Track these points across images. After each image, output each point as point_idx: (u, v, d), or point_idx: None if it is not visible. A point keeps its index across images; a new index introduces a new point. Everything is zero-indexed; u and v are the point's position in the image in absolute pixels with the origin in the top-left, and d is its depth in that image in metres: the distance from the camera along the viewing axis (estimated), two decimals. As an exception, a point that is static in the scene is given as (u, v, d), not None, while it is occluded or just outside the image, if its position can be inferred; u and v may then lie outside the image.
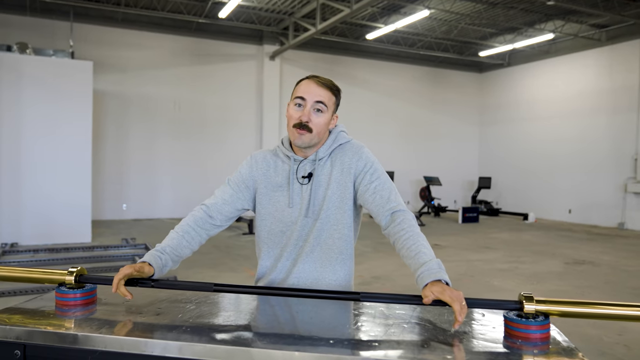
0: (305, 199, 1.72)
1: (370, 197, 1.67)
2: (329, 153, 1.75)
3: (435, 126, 15.48)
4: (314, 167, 1.74)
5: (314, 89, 1.69)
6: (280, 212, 1.75)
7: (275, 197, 1.76)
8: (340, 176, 1.71)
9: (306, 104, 1.68)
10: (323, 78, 1.75)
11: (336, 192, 1.71)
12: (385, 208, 1.63)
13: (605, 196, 12.11)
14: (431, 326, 1.37)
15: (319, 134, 1.70)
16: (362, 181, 1.69)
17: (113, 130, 11.41)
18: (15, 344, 1.27)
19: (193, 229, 1.72)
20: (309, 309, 1.50)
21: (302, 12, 11.32)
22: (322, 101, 1.68)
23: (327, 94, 1.70)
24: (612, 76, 12.04)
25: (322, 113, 1.69)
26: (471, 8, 11.12)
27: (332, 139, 1.77)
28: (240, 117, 12.84)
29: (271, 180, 1.78)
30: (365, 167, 1.71)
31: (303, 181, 1.74)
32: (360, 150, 1.75)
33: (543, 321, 1.26)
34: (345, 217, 1.71)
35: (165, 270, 1.59)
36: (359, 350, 1.17)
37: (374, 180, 1.68)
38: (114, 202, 11.45)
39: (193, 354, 1.17)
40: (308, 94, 1.69)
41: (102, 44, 11.24)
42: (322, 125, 1.70)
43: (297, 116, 1.69)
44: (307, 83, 1.72)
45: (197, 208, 1.79)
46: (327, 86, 1.71)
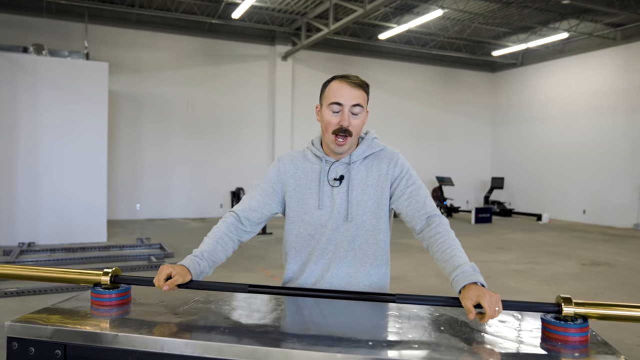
0: (337, 201, 1.71)
1: (406, 201, 1.68)
2: (362, 158, 1.74)
3: (448, 126, 15.41)
4: (347, 170, 1.73)
5: (349, 91, 1.65)
6: (309, 215, 1.73)
7: (304, 200, 1.75)
8: (377, 182, 1.71)
9: (343, 108, 1.65)
10: (353, 77, 1.69)
11: (372, 198, 1.71)
12: (421, 212, 1.64)
13: (620, 197, 11.98)
14: (467, 328, 1.36)
15: (357, 135, 1.71)
16: (398, 186, 1.70)
17: (127, 131, 11.50)
18: (56, 344, 1.28)
19: (226, 234, 1.71)
20: (342, 310, 1.50)
21: (315, 12, 11.33)
22: (358, 103, 1.66)
23: (361, 94, 1.67)
24: (628, 76, 11.90)
25: (359, 115, 1.68)
26: (485, 7, 11.05)
27: (366, 145, 1.76)
28: (252, 117, 12.88)
29: (300, 182, 1.77)
30: (402, 173, 1.71)
31: (334, 183, 1.72)
32: (396, 157, 1.75)
33: (582, 324, 1.26)
34: (381, 223, 1.72)
35: (202, 277, 1.58)
36: (398, 352, 1.17)
37: (409, 185, 1.69)
38: (128, 202, 11.54)
39: (234, 355, 1.18)
40: (344, 98, 1.65)
41: (116, 45, 11.34)
42: (359, 126, 1.69)
43: (335, 122, 1.66)
44: (340, 86, 1.67)
45: (227, 215, 1.78)
46: (360, 85, 1.68)
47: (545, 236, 10.26)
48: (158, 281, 1.45)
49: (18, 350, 1.30)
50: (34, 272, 1.55)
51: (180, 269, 1.50)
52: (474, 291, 1.31)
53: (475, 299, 1.28)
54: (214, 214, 12.33)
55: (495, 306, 1.26)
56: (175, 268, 1.49)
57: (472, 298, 1.29)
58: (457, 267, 1.42)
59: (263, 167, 13.02)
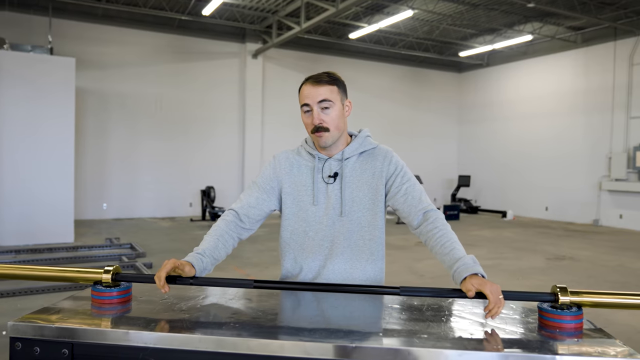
0: (331, 198, 1.75)
1: (402, 198, 1.72)
2: (356, 155, 1.78)
3: (416, 125, 15.66)
4: (340, 167, 1.76)
5: (313, 90, 1.71)
6: (304, 212, 1.77)
7: (299, 197, 1.78)
8: (372, 180, 1.75)
9: (312, 107, 1.70)
10: (318, 75, 1.75)
11: (367, 195, 1.75)
12: (418, 208, 1.70)
13: (581, 194, 12.46)
14: (468, 319, 1.42)
15: (337, 127, 1.73)
16: (394, 184, 1.74)
17: (92, 128, 11.20)
18: (63, 343, 1.27)
19: (226, 232, 1.72)
20: (345, 303, 1.54)
21: (286, 10, 11.31)
22: (325, 99, 1.70)
23: (326, 89, 1.71)
24: (587, 77, 12.39)
25: (330, 109, 1.71)
26: (453, 9, 11.29)
27: (358, 142, 1.80)
28: (222, 115, 12.76)
29: (295, 180, 1.80)
30: (396, 171, 1.76)
31: (329, 180, 1.76)
32: (390, 154, 1.80)
33: (577, 312, 1.33)
34: (376, 219, 1.76)
35: (205, 273, 1.59)
36: (405, 341, 1.21)
37: (404, 182, 1.74)
38: (95, 202, 11.25)
39: (248, 350, 1.20)
40: (309, 97, 1.71)
41: (82, 39, 11.02)
42: (335, 119, 1.72)
43: (309, 122, 1.72)
44: (305, 87, 1.73)
45: (226, 212, 1.80)
46: (324, 81, 1.72)
47: (511, 232, 10.58)
48: (159, 274, 1.44)
49: (22, 350, 1.28)
50: (32, 271, 1.52)
51: (185, 264, 1.51)
52: (476, 279, 1.37)
53: (477, 287, 1.34)
54: (183, 213, 12.17)
55: (497, 294, 1.32)
56: (178, 263, 1.49)
57: (473, 285, 1.35)
58: (458, 260, 1.47)
59: (234, 165, 12.93)
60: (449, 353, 1.15)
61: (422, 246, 8.44)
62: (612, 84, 11.78)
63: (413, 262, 7.19)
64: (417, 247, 8.39)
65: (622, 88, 11.58)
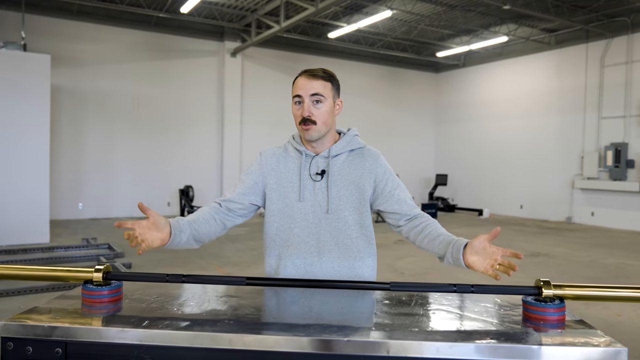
0: (318, 195, 1.76)
1: (396, 203, 1.78)
2: (344, 153, 1.81)
3: (394, 124, 15.79)
4: (327, 164, 1.78)
5: (307, 83, 1.74)
6: (289, 208, 1.78)
7: (285, 193, 1.79)
8: (360, 179, 1.78)
9: (304, 99, 1.73)
10: (314, 69, 1.78)
11: (355, 194, 1.77)
12: (408, 213, 1.77)
13: (554, 192, 12.77)
14: (454, 312, 1.46)
15: (325, 123, 1.75)
16: (385, 187, 1.79)
17: (68, 127, 10.98)
18: (56, 342, 1.26)
19: (208, 213, 1.76)
20: (335, 300, 1.56)
21: (265, 9, 11.29)
22: (317, 93, 1.72)
23: (320, 83, 1.74)
24: (560, 78, 12.70)
25: (321, 103, 1.73)
26: (431, 10, 11.43)
27: (346, 141, 1.83)
28: (201, 114, 12.66)
29: (281, 176, 1.81)
30: (385, 174, 1.81)
31: (316, 177, 1.78)
32: (378, 156, 1.85)
33: (559, 304, 1.38)
34: (363, 218, 1.78)
35: (184, 238, 1.63)
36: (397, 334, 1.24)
37: (395, 187, 1.80)
38: (70, 201, 11.04)
39: (243, 345, 1.21)
40: (302, 89, 1.74)
41: (56, 36, 10.80)
42: (324, 114, 1.74)
43: (299, 113, 1.75)
44: (301, 79, 1.76)
45: (211, 203, 1.82)
46: (319, 76, 1.75)
47: (487, 230, 10.64)
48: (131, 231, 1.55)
49: (14, 350, 1.26)
50: (20, 271, 1.50)
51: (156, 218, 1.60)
52: (482, 240, 1.52)
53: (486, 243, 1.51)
54: (161, 213, 11.58)
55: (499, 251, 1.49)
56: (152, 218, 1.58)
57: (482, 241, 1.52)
58: (453, 238, 1.59)
59: (213, 164, 12.84)
60: (439, 345, 1.19)
61: (401, 244, 8.54)
62: (584, 85, 12.10)
63: (393, 260, 7.27)
64: (397, 245, 8.48)
65: (593, 89, 11.90)
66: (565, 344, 1.20)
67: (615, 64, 11.47)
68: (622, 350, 1.16)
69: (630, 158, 11.12)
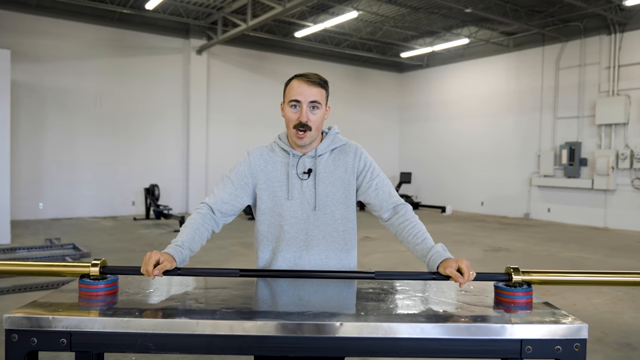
0: (306, 193, 1.85)
1: (373, 193, 1.87)
2: (328, 151, 1.90)
3: (359, 123, 16.00)
4: (314, 163, 1.87)
5: (307, 89, 1.80)
6: (279, 207, 1.85)
7: (274, 192, 1.87)
8: (344, 175, 1.88)
9: (302, 105, 1.79)
10: (311, 75, 1.84)
11: (340, 189, 1.87)
12: (388, 202, 1.86)
13: (513, 189, 13.27)
14: (432, 299, 1.59)
15: (318, 129, 1.84)
16: (364, 179, 1.88)
17: (26, 124, 10.64)
18: (61, 333, 1.31)
19: (202, 224, 1.79)
20: (322, 289, 1.66)
21: (232, 7, 11.25)
22: (315, 100, 1.80)
23: (319, 91, 1.82)
24: (519, 80, 13.20)
25: (317, 110, 1.82)
26: (396, 11, 11.67)
27: (330, 139, 1.92)
28: (166, 112, 12.50)
29: (270, 175, 1.88)
30: (366, 166, 1.90)
31: (303, 176, 1.86)
32: (359, 150, 1.93)
33: (527, 289, 1.53)
34: (349, 212, 1.89)
35: (183, 264, 1.66)
36: (385, 317, 1.36)
37: (374, 177, 1.89)
38: (29, 201, 10.71)
39: (243, 331, 1.30)
40: (302, 95, 1.79)
41: (14, 30, 10.44)
42: (319, 121, 1.83)
43: (295, 117, 1.80)
44: (299, 84, 1.81)
45: (200, 206, 1.86)
46: (318, 83, 1.83)
47: (451, 226, 11.11)
48: (147, 266, 1.51)
49: (19, 342, 1.31)
50: (17, 267, 1.53)
51: (166, 256, 1.57)
52: (452, 261, 1.55)
53: (455, 266, 1.52)
54: (126, 212, 11.83)
55: (470, 270, 1.51)
56: (163, 255, 1.56)
57: (452, 266, 1.53)
58: (431, 249, 1.66)
59: (178, 163, 12.70)
60: (424, 326, 1.31)
61: (368, 241, 8.72)
62: (541, 86, 12.63)
63: (360, 256, 7.41)
64: (364, 241, 8.65)
65: (549, 90, 12.44)
66: (534, 322, 1.34)
67: (569, 66, 12.02)
68: (583, 326, 1.31)
69: (584, 156, 11.69)
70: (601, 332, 4.09)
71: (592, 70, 11.58)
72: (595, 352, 3.67)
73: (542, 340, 1.31)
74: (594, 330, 4.13)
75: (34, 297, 4.73)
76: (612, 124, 11.10)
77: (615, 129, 11.14)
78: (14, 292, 4.94)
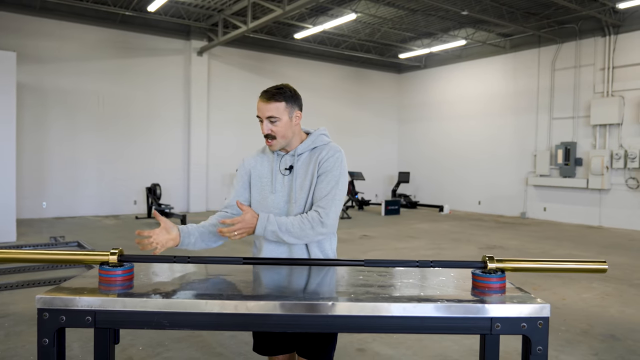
0: (286, 187, 2.08)
1: (316, 188, 2.03)
2: (308, 150, 2.11)
3: (358, 123, 16.19)
4: (294, 161, 2.09)
5: (264, 106, 2.02)
6: (265, 199, 2.11)
7: (261, 187, 2.13)
8: (314, 169, 2.06)
9: (263, 119, 2.04)
10: (269, 91, 2.02)
11: (309, 183, 2.05)
12: (315, 203, 2.01)
13: (510, 189, 13.46)
14: (415, 285, 1.76)
15: (284, 136, 2.05)
16: (319, 176, 2.04)
17: (30, 125, 10.83)
18: (86, 312, 1.49)
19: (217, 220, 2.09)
20: (315, 275, 1.84)
21: (232, 9, 11.44)
22: (271, 115, 2.01)
23: (273, 106, 2.00)
24: (515, 80, 13.39)
25: (277, 121, 2.02)
26: (394, 13, 11.86)
27: (311, 140, 2.12)
28: (167, 112, 12.69)
29: (259, 173, 2.15)
30: (326, 165, 2.04)
31: (285, 172, 2.10)
32: (333, 151, 2.08)
33: (501, 275, 1.70)
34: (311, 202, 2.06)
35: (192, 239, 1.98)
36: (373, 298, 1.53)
37: (323, 178, 2.03)
38: (33, 200, 10.89)
39: (247, 310, 1.48)
40: (260, 112, 2.04)
41: (18, 32, 10.63)
42: (282, 130, 2.03)
43: (262, 131, 2.06)
44: (260, 102, 2.03)
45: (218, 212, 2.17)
46: (272, 99, 2.00)
47: (448, 225, 11.29)
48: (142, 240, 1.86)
49: (49, 319, 1.48)
50: (44, 255, 1.71)
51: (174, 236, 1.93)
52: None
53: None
54: (128, 211, 12.01)
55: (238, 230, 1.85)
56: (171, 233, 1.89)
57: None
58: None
59: (180, 162, 12.89)
60: (405, 305, 1.48)
61: (366, 239, 8.90)
62: (537, 87, 12.81)
63: (359, 254, 7.60)
64: (362, 240, 8.83)
65: (545, 91, 12.62)
66: (506, 302, 1.52)
67: (564, 67, 12.21)
68: (545, 305, 1.49)
69: (579, 156, 11.87)
70: (587, 325, 4.27)
71: (587, 72, 11.76)
72: (580, 343, 3.85)
73: (510, 318, 1.48)
74: (580, 323, 4.32)
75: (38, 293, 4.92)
76: (606, 124, 11.29)
77: (609, 129, 11.32)
78: (22, 287, 5.12)
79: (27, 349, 3.55)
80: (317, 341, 1.94)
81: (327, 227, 1.95)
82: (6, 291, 5.03)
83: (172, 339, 3.77)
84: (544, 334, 1.48)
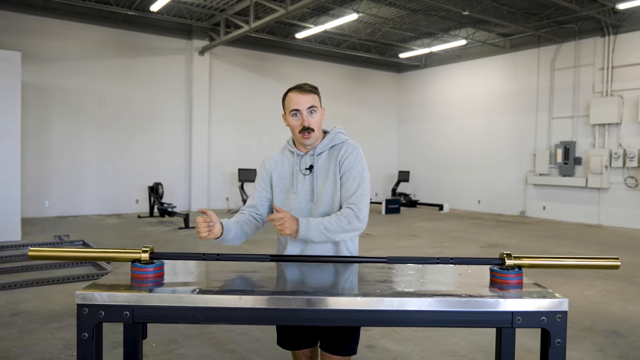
0: (307, 186, 2.14)
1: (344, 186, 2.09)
2: (327, 149, 2.16)
3: (358, 122, 16.25)
4: (314, 160, 2.15)
5: (302, 98, 2.09)
6: (287, 199, 2.16)
7: (283, 187, 2.18)
8: (335, 168, 2.12)
9: (302, 112, 2.08)
10: (303, 85, 2.12)
11: (332, 181, 2.11)
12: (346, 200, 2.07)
13: (509, 187, 13.55)
14: (436, 280, 1.83)
15: (319, 129, 2.14)
16: (344, 173, 2.10)
17: (33, 124, 10.84)
18: (124, 307, 1.55)
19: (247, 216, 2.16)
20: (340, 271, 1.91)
21: (234, 9, 11.48)
22: (312, 105, 2.10)
23: (313, 97, 2.11)
24: (515, 80, 13.47)
25: (315, 113, 2.11)
26: (395, 13, 11.92)
27: (329, 138, 2.18)
28: (169, 111, 12.72)
29: (280, 174, 2.20)
30: (348, 162, 2.10)
31: (305, 172, 2.15)
32: (352, 148, 2.15)
33: (518, 271, 1.77)
34: (338, 201, 2.10)
35: (230, 235, 2.01)
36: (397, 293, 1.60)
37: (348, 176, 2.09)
38: (35, 199, 10.92)
39: (278, 304, 1.54)
40: (299, 104, 2.08)
41: (21, 32, 10.65)
42: (319, 122, 2.14)
43: (298, 124, 2.09)
44: (295, 95, 2.09)
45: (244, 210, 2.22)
46: (310, 91, 2.11)
47: (448, 224, 11.37)
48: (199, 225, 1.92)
49: (89, 314, 1.55)
50: (77, 253, 1.77)
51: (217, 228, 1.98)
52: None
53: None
54: (130, 210, 12.05)
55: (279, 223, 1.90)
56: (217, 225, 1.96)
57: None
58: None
59: (181, 161, 12.93)
60: (431, 300, 1.55)
61: (368, 237, 8.97)
62: (537, 87, 12.90)
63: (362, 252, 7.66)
64: (363, 238, 8.90)
65: (545, 91, 12.71)
66: (524, 297, 1.59)
67: (564, 67, 12.30)
68: (564, 300, 1.56)
69: (578, 155, 11.97)
70: (591, 322, 4.35)
71: (587, 71, 11.85)
72: (584, 339, 3.93)
73: (530, 312, 1.55)
74: (584, 319, 4.40)
75: (47, 291, 4.99)
76: (605, 123, 11.39)
77: (608, 128, 11.42)
78: (32, 285, 5.18)
79: (41, 346, 3.61)
80: (342, 335, 2.01)
81: (362, 221, 2.03)
82: (16, 289, 5.08)
83: (184, 336, 3.83)
84: (562, 327, 1.55)
